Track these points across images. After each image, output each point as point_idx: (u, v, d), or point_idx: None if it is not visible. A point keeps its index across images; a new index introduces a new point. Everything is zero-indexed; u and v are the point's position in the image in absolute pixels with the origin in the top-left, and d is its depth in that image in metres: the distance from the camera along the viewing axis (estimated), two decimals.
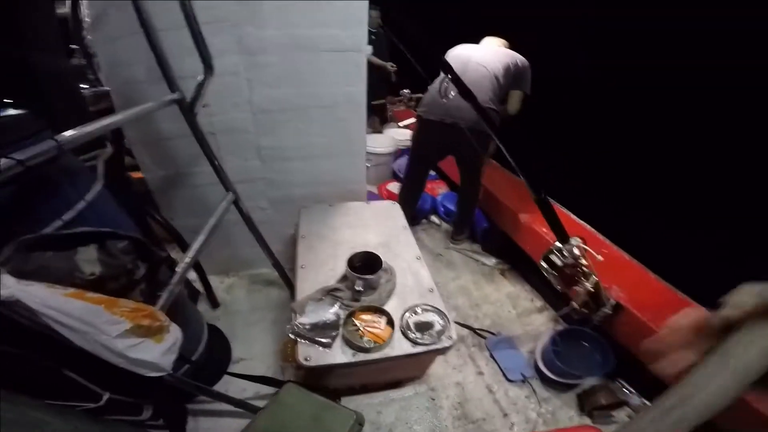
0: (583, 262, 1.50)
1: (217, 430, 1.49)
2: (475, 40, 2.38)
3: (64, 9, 1.97)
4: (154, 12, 1.16)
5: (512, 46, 2.33)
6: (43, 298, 0.73)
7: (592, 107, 3.00)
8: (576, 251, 1.50)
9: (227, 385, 1.63)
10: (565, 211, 2.28)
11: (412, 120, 4.06)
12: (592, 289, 1.52)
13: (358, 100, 1.88)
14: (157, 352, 0.91)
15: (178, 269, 1.12)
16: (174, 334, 0.96)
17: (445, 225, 2.91)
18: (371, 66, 2.07)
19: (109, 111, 1.71)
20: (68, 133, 0.83)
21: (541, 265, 1.59)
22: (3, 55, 1.18)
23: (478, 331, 1.99)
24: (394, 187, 3.07)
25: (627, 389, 1.71)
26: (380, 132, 3.97)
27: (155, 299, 1.02)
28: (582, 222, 2.21)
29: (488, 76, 2.13)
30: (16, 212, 0.85)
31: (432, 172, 2.98)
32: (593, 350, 1.77)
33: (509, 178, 2.68)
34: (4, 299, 0.69)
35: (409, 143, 3.42)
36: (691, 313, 0.44)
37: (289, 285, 2.03)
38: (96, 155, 1.25)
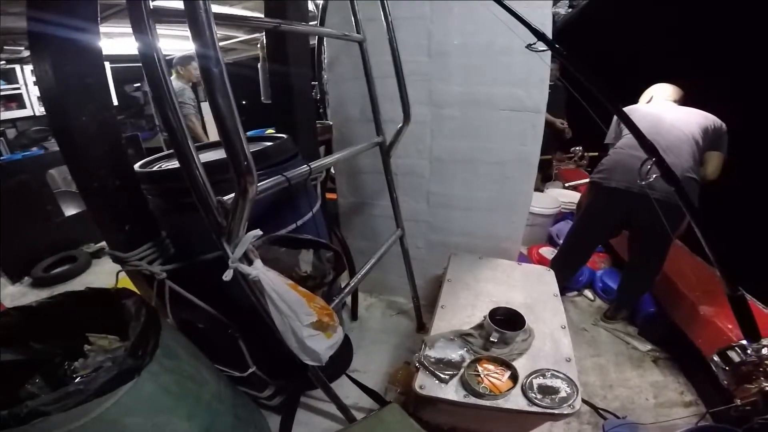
0: None
1: (310, 424, 1.64)
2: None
3: (312, 41, 2.52)
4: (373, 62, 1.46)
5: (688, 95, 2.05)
6: (274, 282, 1.01)
7: None
8: (765, 351, 1.26)
9: (334, 389, 1.77)
10: (756, 302, 1.88)
11: (582, 181, 3.79)
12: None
13: (529, 160, 1.91)
14: (324, 346, 1.12)
15: (352, 283, 1.36)
16: (339, 334, 1.17)
17: (598, 302, 2.62)
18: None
19: (329, 142, 2.17)
20: (316, 162, 1.13)
21: (713, 359, 1.38)
22: (276, 86, 1.59)
23: (601, 410, 1.77)
24: (547, 251, 2.92)
25: None
26: (541, 191, 3.74)
27: (329, 302, 1.26)
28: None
29: (687, 140, 1.87)
30: (271, 213, 1.22)
31: None
32: None
33: (693, 263, 2.28)
34: (252, 277, 0.98)
35: (574, 206, 3.23)
36: None
37: (419, 318, 2.16)
38: (316, 177, 1.61)
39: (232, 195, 0.85)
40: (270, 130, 2.27)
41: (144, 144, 4.01)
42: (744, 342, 1.32)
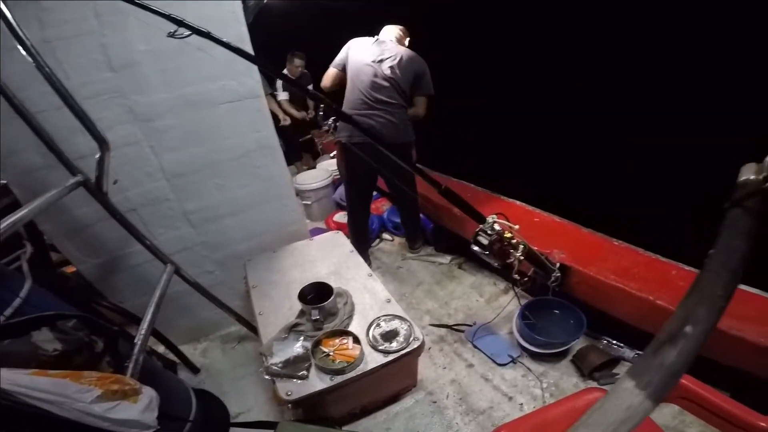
0: (507, 235, 1.67)
1: None
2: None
3: None
4: (29, 95, 1.27)
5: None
6: (10, 379, 0.87)
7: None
8: (497, 227, 1.67)
9: None
10: (496, 195, 2.66)
11: None
12: (522, 257, 1.69)
13: (270, 143, 2.09)
14: (136, 411, 1.06)
15: (137, 340, 1.28)
16: (148, 393, 1.12)
17: (397, 238, 3.21)
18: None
19: (16, 205, 1.77)
20: None
21: (474, 249, 1.76)
22: None
23: (455, 327, 2.20)
24: (341, 216, 3.36)
25: (616, 344, 1.88)
26: (315, 167, 4.35)
27: (124, 370, 1.19)
28: (508, 199, 2.59)
29: (401, 90, 2.39)
30: None
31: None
32: (564, 315, 1.93)
33: (437, 177, 2.98)
34: None
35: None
36: None
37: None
38: (17, 256, 1.36)
39: None
40: None
41: None
42: (480, 226, 1.70)
